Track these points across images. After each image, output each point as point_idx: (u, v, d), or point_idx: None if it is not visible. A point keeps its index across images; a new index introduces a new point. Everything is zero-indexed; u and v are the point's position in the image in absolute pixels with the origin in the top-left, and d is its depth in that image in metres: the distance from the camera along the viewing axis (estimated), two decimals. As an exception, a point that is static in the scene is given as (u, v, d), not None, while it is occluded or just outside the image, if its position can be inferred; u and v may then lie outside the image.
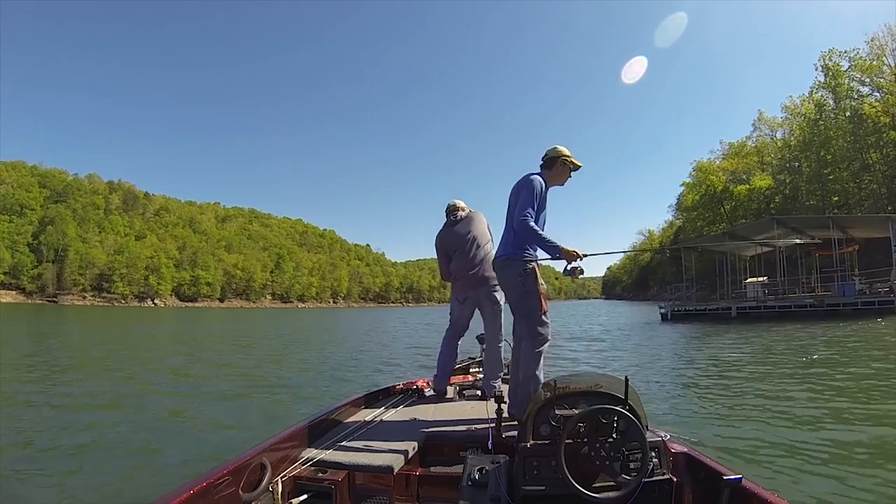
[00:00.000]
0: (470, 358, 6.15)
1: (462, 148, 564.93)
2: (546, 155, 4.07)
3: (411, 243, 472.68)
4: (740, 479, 2.34)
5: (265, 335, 28.38)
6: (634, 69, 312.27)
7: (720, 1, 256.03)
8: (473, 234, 5.03)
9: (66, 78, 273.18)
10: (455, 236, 5.08)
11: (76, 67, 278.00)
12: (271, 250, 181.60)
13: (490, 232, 5.16)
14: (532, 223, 3.76)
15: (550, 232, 3.87)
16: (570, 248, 3.75)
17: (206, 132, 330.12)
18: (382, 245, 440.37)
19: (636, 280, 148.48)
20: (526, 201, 3.82)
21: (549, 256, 3.81)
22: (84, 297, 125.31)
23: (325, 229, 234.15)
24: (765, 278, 38.01)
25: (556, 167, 4.06)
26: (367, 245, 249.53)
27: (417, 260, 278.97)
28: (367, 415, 4.09)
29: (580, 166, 4.14)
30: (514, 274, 3.89)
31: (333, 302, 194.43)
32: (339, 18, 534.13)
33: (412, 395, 4.91)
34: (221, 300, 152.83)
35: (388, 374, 12.17)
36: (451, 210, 5.21)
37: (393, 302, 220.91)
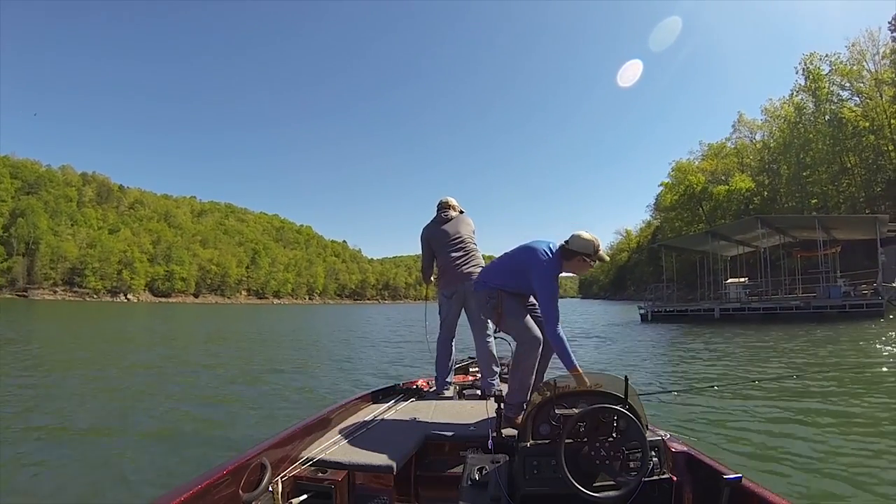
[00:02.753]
0: (470, 357, 6.12)
1: (443, 145, 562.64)
2: (569, 244, 3.74)
3: (388, 240, 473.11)
4: (740, 478, 2.34)
5: (247, 335, 26.52)
6: (630, 73, 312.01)
7: (713, 6, 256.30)
8: (461, 233, 5.20)
9: (40, 68, 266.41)
10: (442, 234, 5.21)
11: (50, 58, 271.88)
12: (247, 245, 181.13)
13: (474, 237, 5.34)
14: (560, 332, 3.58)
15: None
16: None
17: (184, 126, 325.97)
18: (359, 241, 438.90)
19: (613, 280, 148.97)
20: (548, 301, 3.67)
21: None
22: (55, 292, 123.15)
23: (301, 225, 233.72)
24: (745, 279, 38.01)
25: (575, 261, 3.75)
26: (344, 241, 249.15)
27: (394, 257, 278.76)
28: (367, 414, 4.11)
29: (603, 261, 3.90)
30: (485, 297, 3.96)
31: (309, 298, 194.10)
32: (320, 12, 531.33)
33: (412, 395, 4.85)
34: (196, 295, 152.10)
35: (385, 376, 11.64)
36: (443, 207, 5.35)
37: (369, 299, 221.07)
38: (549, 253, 3.75)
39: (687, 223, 77.05)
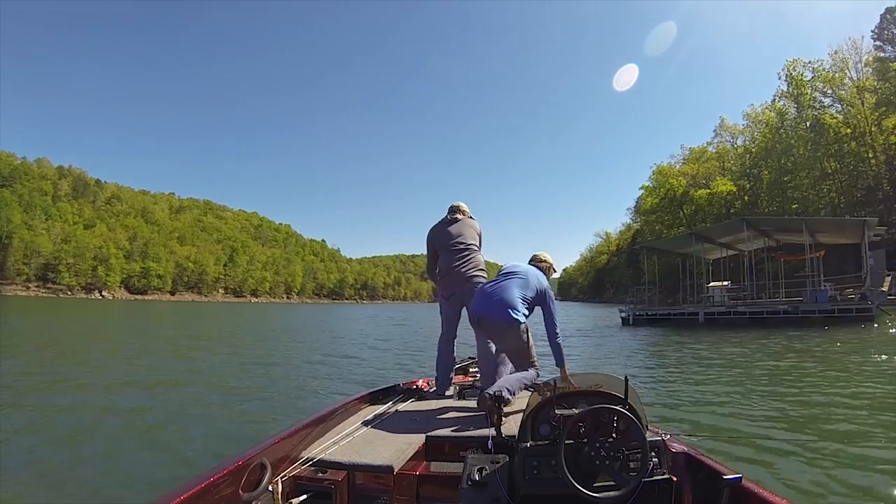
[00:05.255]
0: (470, 358, 6.07)
1: (426, 145, 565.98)
2: (544, 258, 4.84)
3: (367, 239, 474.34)
4: (740, 478, 2.35)
5: (232, 335, 25.64)
6: (625, 77, 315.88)
7: (706, 11, 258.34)
8: (464, 235, 5.23)
9: (16, 60, 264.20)
10: (446, 234, 5.26)
11: (26, 50, 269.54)
12: (225, 243, 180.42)
13: (480, 238, 5.38)
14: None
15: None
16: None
17: (163, 121, 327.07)
18: (338, 241, 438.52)
19: (592, 282, 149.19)
20: (555, 314, 4.42)
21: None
22: (28, 288, 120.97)
23: (280, 223, 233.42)
24: (728, 282, 37.72)
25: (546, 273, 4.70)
26: (323, 240, 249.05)
27: (373, 257, 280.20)
28: (367, 414, 4.11)
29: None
30: (522, 332, 4.18)
31: (287, 297, 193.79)
32: (304, 13, 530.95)
33: (412, 395, 4.86)
34: (172, 293, 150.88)
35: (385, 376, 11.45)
36: (453, 210, 5.44)
37: (347, 298, 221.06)
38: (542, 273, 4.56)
39: (667, 226, 76.98)
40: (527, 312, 4.16)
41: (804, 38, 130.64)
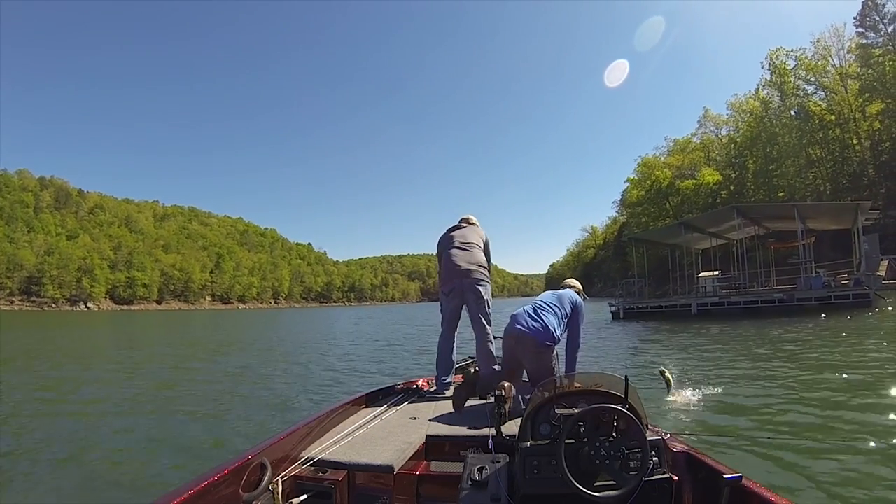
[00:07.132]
0: (470, 357, 6.01)
1: (410, 141, 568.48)
2: (574, 285, 5.11)
3: (353, 242, 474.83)
4: (740, 477, 2.38)
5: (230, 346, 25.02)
6: (616, 73, 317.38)
7: (693, 7, 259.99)
8: (466, 237, 5.31)
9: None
10: (450, 238, 5.36)
11: (4, 57, 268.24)
12: (211, 250, 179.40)
13: (485, 245, 5.43)
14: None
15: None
16: None
17: (146, 129, 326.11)
18: (324, 244, 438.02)
19: (580, 277, 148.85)
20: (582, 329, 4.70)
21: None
22: (12, 302, 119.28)
23: (266, 228, 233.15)
24: (718, 272, 37.39)
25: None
26: (309, 244, 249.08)
27: (360, 259, 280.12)
28: (367, 414, 4.11)
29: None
30: (553, 356, 4.32)
31: (275, 302, 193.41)
32: (290, 26, 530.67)
33: (412, 395, 4.87)
34: (159, 302, 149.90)
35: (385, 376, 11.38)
36: (462, 220, 5.57)
37: (335, 301, 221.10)
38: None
39: (654, 218, 77.05)
40: (561, 334, 4.38)
41: (787, 24, 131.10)
